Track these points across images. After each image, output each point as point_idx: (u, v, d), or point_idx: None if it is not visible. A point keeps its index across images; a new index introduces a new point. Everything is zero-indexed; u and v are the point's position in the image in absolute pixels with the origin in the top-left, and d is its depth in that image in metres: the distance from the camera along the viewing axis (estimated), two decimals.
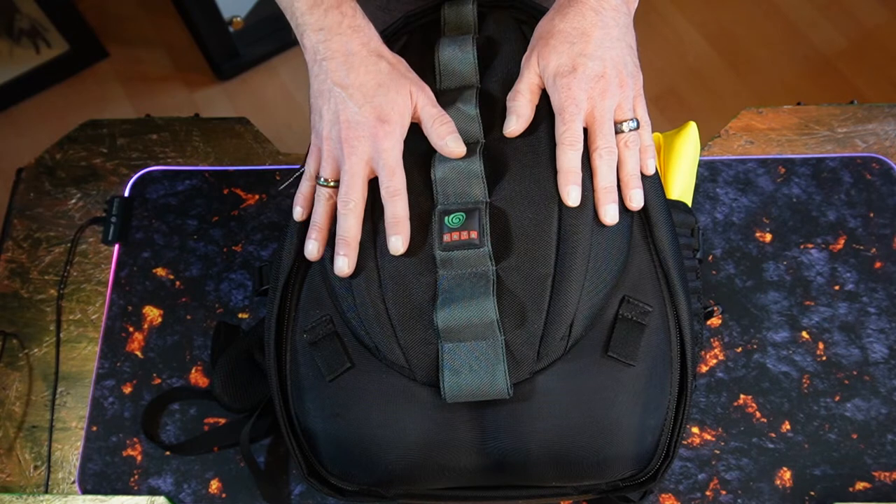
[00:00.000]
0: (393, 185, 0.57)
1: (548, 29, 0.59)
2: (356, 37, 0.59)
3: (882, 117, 0.90)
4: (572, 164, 0.56)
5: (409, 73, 0.60)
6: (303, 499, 0.75)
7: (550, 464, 0.55)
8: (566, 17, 0.59)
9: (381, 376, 0.56)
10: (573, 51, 0.58)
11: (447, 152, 0.58)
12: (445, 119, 0.59)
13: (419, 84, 0.60)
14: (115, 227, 0.87)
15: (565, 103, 0.57)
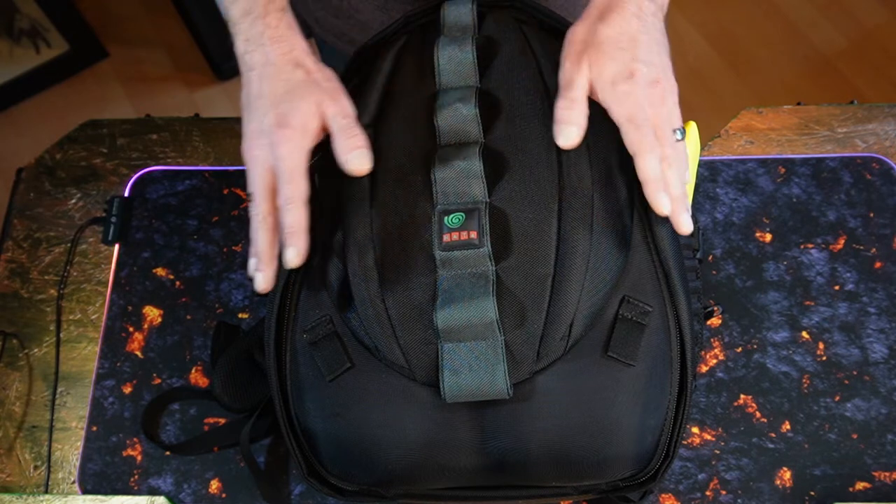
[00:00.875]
0: (287, 192, 0.55)
1: (592, 34, 0.57)
2: (276, 47, 0.58)
3: (882, 117, 0.90)
4: (657, 171, 0.55)
5: (329, 82, 0.58)
6: (303, 499, 0.75)
7: (550, 464, 0.55)
8: (610, 22, 0.57)
9: (381, 376, 0.56)
10: (627, 56, 0.56)
11: (349, 169, 0.56)
12: (354, 132, 0.56)
13: (333, 94, 0.58)
14: (115, 227, 0.87)
15: (633, 110, 0.55)
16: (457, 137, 0.60)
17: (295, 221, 0.55)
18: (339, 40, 0.93)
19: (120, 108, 1.97)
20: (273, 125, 0.56)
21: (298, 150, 0.56)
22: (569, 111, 0.56)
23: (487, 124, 0.60)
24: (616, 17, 0.57)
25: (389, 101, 0.63)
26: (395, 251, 0.57)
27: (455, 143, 0.59)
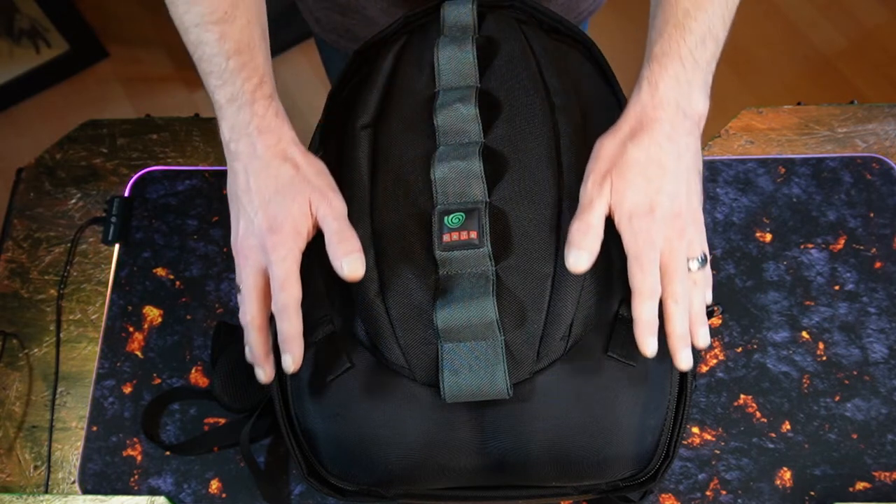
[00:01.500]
0: (282, 300, 0.54)
1: (620, 153, 0.53)
2: (262, 138, 0.56)
3: (882, 117, 0.90)
4: (652, 315, 0.52)
5: (319, 177, 0.56)
6: (303, 499, 0.75)
7: (550, 464, 0.55)
8: (640, 144, 0.53)
9: (381, 376, 0.56)
10: (651, 187, 0.53)
11: (343, 275, 0.54)
12: (346, 235, 0.55)
13: (323, 192, 0.56)
14: (115, 227, 0.87)
15: (643, 248, 0.52)
16: (457, 137, 0.60)
17: (290, 328, 0.54)
18: (341, 38, 0.92)
19: (120, 108, 1.97)
20: (264, 228, 0.55)
21: (291, 256, 0.55)
22: (583, 236, 0.53)
23: (487, 124, 0.60)
24: (647, 137, 0.53)
25: (389, 101, 0.63)
26: (395, 251, 0.57)
27: (455, 143, 0.59)
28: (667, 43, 0.55)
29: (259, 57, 0.59)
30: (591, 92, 0.63)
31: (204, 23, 0.58)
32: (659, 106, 0.54)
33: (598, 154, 0.55)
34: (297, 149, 0.57)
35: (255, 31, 0.59)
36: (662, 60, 0.55)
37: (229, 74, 0.58)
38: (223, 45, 0.58)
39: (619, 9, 1.75)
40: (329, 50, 1.00)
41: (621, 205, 0.53)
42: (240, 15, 0.59)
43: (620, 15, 1.86)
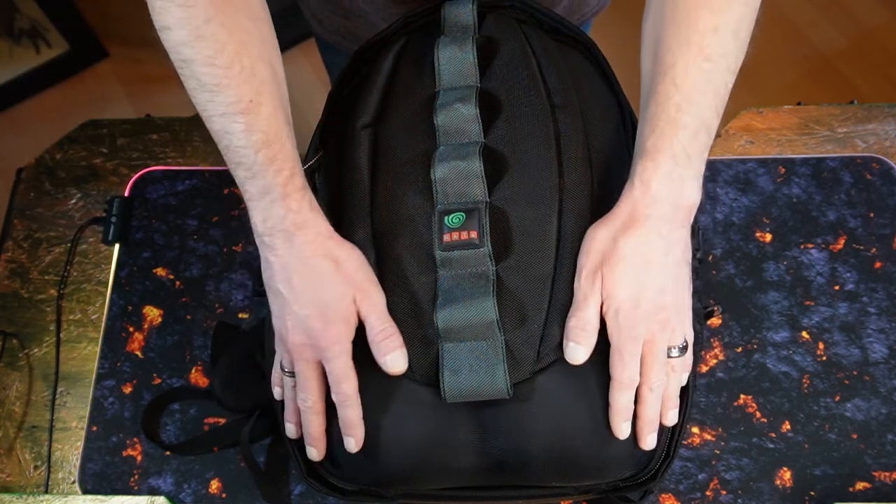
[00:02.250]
0: (342, 391, 0.55)
1: (610, 249, 0.54)
2: (300, 234, 0.56)
3: (882, 117, 0.90)
4: (628, 403, 0.54)
5: (359, 272, 0.56)
6: (303, 499, 0.75)
7: (550, 464, 0.55)
8: (629, 239, 0.54)
9: (381, 376, 0.56)
10: (638, 282, 0.54)
11: (387, 370, 0.55)
12: (389, 332, 0.55)
13: (365, 288, 0.56)
14: (115, 227, 0.87)
15: (625, 342, 0.54)
16: (457, 137, 0.60)
17: (353, 415, 0.55)
18: (344, 39, 0.93)
19: (120, 108, 1.96)
20: (318, 327, 0.55)
21: (345, 351, 0.55)
22: (581, 331, 0.54)
23: (487, 124, 0.60)
24: (637, 233, 0.54)
25: (389, 101, 0.63)
26: (396, 251, 0.57)
27: (455, 143, 0.59)
28: (659, 139, 0.55)
29: (288, 146, 0.57)
30: (591, 92, 0.63)
31: (229, 113, 0.56)
32: (651, 203, 0.54)
33: (589, 247, 0.55)
34: (334, 242, 0.57)
35: (281, 118, 0.58)
36: (656, 157, 0.55)
37: (259, 167, 0.56)
38: (250, 136, 0.56)
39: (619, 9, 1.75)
40: (330, 50, 1.00)
41: (610, 298, 0.54)
42: (265, 102, 0.56)
43: (621, 16, 1.85)
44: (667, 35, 0.57)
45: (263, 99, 0.56)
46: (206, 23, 0.55)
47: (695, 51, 0.55)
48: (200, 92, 0.57)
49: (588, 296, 0.54)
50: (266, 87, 0.57)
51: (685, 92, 0.55)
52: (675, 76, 0.55)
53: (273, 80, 0.58)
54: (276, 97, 0.58)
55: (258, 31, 0.59)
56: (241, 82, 0.56)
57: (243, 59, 0.56)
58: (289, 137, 0.58)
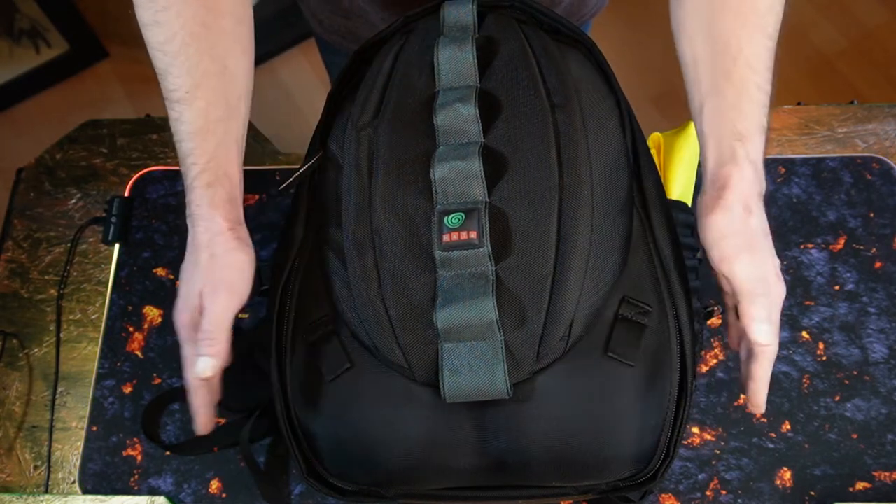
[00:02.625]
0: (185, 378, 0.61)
1: (746, 230, 0.57)
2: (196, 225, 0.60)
3: (882, 117, 0.90)
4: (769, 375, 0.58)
5: (223, 270, 0.59)
6: (303, 499, 0.75)
7: (550, 464, 0.55)
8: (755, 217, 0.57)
9: (381, 376, 0.56)
10: (772, 255, 0.58)
11: (193, 370, 0.58)
12: (208, 336, 0.58)
13: (214, 287, 0.59)
14: (115, 227, 0.87)
15: (777, 312, 0.57)
16: (456, 137, 0.60)
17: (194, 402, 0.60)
18: (344, 39, 0.93)
19: (120, 108, 1.97)
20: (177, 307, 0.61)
21: (186, 338, 0.61)
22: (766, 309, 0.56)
23: (487, 124, 0.60)
24: (758, 209, 0.58)
25: (389, 101, 0.63)
26: (395, 251, 0.57)
27: (455, 143, 0.59)
28: (749, 121, 0.58)
29: (210, 143, 0.61)
30: (591, 92, 0.63)
31: (168, 99, 0.62)
32: (760, 180, 0.58)
33: (730, 230, 0.57)
34: (222, 238, 0.60)
35: (214, 113, 0.61)
36: (753, 138, 0.58)
37: (182, 156, 0.61)
38: (179, 125, 0.61)
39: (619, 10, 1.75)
40: (330, 50, 1.00)
41: (767, 274, 0.57)
42: (201, 97, 0.61)
43: (621, 16, 1.86)
44: (726, 20, 0.60)
45: (200, 93, 0.60)
46: (164, 10, 0.60)
47: (759, 32, 0.60)
48: (157, 74, 0.63)
49: (757, 276, 0.56)
50: (207, 82, 0.61)
51: (761, 73, 0.59)
52: (749, 59, 0.59)
53: (219, 76, 0.61)
54: (216, 93, 0.61)
55: (218, 25, 0.62)
56: (182, 73, 0.60)
57: (190, 49, 0.60)
58: (214, 134, 0.61)
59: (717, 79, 0.60)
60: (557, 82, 0.62)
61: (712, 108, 0.59)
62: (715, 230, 0.57)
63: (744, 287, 0.56)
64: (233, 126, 0.62)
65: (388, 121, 0.62)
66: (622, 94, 0.64)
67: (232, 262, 0.60)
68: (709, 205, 0.58)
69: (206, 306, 0.59)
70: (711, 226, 0.57)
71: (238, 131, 0.63)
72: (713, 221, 0.57)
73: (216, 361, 0.58)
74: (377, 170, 0.60)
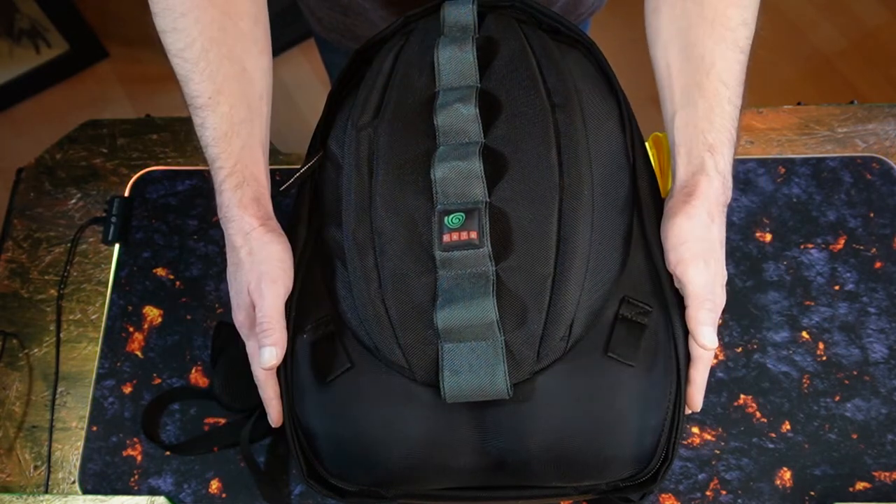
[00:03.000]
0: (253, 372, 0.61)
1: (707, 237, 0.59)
2: (229, 226, 0.62)
3: (882, 117, 0.90)
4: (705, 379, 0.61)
5: (263, 265, 0.60)
6: (303, 499, 0.75)
7: (550, 464, 0.55)
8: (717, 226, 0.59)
9: (381, 376, 0.56)
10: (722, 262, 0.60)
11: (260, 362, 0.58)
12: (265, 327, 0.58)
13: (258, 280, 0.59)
14: (115, 227, 0.87)
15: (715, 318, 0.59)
16: (457, 137, 0.60)
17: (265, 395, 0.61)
18: (343, 38, 0.92)
19: (120, 108, 1.97)
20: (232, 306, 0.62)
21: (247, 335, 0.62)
22: (713, 314, 0.58)
23: (487, 124, 0.60)
24: (719, 219, 0.60)
25: (389, 101, 0.63)
26: (395, 251, 0.57)
27: (455, 143, 0.59)
28: (720, 133, 0.60)
29: (235, 145, 0.62)
30: (591, 92, 0.63)
31: (191, 105, 0.63)
32: (726, 191, 0.60)
33: (691, 235, 0.58)
34: (256, 234, 0.61)
35: (237, 116, 0.62)
36: (722, 150, 0.60)
37: (209, 160, 0.63)
38: (204, 131, 0.62)
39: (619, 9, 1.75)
40: (330, 49, 1.00)
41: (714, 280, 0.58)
42: (223, 101, 0.62)
43: (621, 16, 1.86)
44: (700, 34, 0.62)
45: (222, 98, 0.62)
46: (182, 16, 0.61)
47: (731, 47, 0.61)
48: (178, 78, 0.63)
49: (709, 280, 0.58)
50: (228, 86, 0.62)
51: (732, 87, 0.61)
52: (721, 74, 0.61)
53: (238, 79, 0.63)
54: (237, 96, 0.62)
55: (236, 28, 0.63)
56: (203, 78, 0.61)
57: (210, 55, 0.61)
58: (238, 136, 0.62)
59: (690, 90, 0.62)
60: (557, 82, 0.62)
61: (684, 118, 0.61)
62: (677, 234, 0.58)
63: (695, 291, 0.57)
64: (256, 127, 0.64)
65: (389, 121, 0.62)
66: (622, 94, 0.64)
67: (269, 255, 0.60)
68: (675, 209, 0.59)
69: (256, 301, 0.59)
70: (674, 229, 0.59)
71: (261, 131, 0.65)
72: (676, 225, 0.59)
73: (278, 350, 0.58)
74: (377, 170, 0.60)
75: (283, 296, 0.59)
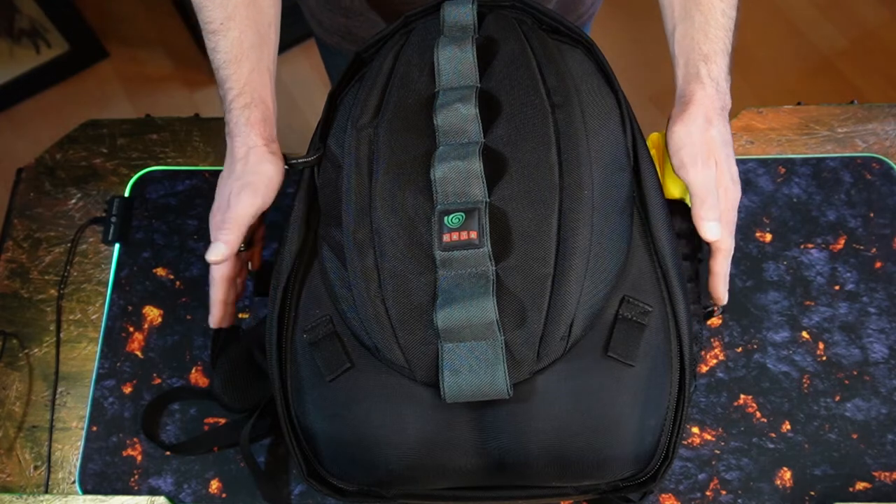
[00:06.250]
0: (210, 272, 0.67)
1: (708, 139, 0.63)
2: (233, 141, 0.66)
3: (882, 117, 0.90)
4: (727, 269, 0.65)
5: (252, 175, 0.64)
6: (303, 499, 0.75)
7: (550, 464, 0.55)
8: (718, 128, 0.63)
9: (381, 376, 0.56)
10: (730, 164, 0.64)
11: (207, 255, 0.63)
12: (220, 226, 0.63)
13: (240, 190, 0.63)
14: (115, 227, 0.87)
15: (732, 215, 0.64)
16: (456, 137, 0.60)
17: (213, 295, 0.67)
18: (344, 41, 0.93)
19: (120, 108, 1.97)
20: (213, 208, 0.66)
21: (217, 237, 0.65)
22: (715, 210, 0.62)
23: (487, 124, 0.60)
24: (719, 123, 0.64)
25: (389, 101, 0.63)
26: (395, 251, 0.57)
27: (455, 143, 0.59)
28: (714, 43, 0.65)
29: (244, 68, 0.66)
30: (591, 92, 0.63)
31: (204, 31, 0.68)
32: (722, 97, 0.64)
33: (688, 140, 0.63)
34: (256, 151, 0.65)
35: (247, 41, 0.67)
36: (716, 59, 0.65)
37: (220, 82, 0.67)
38: (216, 55, 0.67)
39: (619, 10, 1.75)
40: (331, 52, 1.00)
41: (721, 179, 0.63)
42: (234, 27, 0.66)
43: (621, 16, 1.86)
44: None
45: (233, 24, 0.66)
46: None
47: None
48: (193, 7, 0.68)
49: (710, 180, 0.62)
50: (238, 13, 0.67)
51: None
52: None
53: (249, 6, 0.67)
54: (247, 22, 0.67)
55: None
56: (216, 6, 0.66)
57: None
58: (248, 59, 0.67)
59: (688, 4, 0.67)
60: (557, 82, 0.62)
61: (682, 31, 0.66)
62: (677, 140, 0.63)
63: (696, 191, 0.62)
64: (265, 53, 0.68)
65: (389, 121, 0.62)
66: (622, 94, 0.64)
67: (262, 171, 0.64)
68: (674, 118, 0.64)
69: (231, 205, 0.64)
70: (673, 136, 0.64)
71: (269, 58, 0.69)
72: (675, 132, 0.64)
73: (226, 248, 0.63)
74: (377, 170, 0.60)
75: (256, 207, 0.64)
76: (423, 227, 0.57)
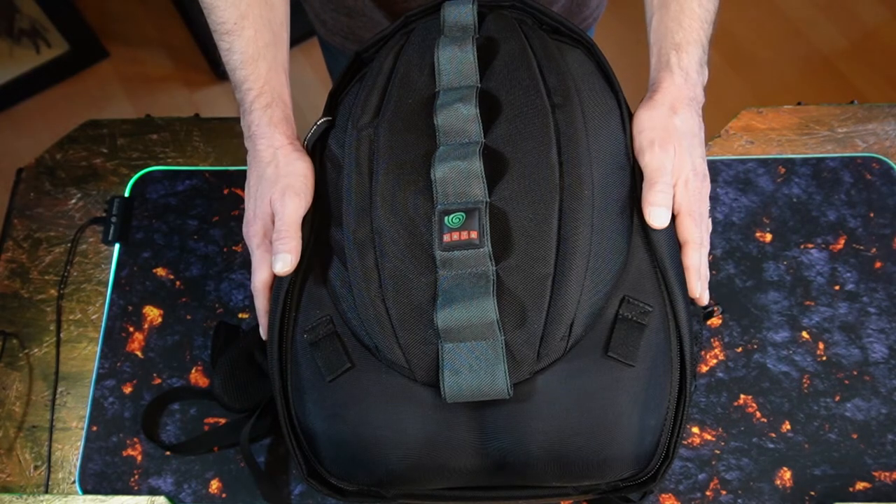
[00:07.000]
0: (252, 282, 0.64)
1: (669, 126, 0.62)
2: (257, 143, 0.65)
3: (882, 117, 0.90)
4: (698, 262, 0.61)
5: (288, 178, 0.62)
6: (303, 499, 0.75)
7: (550, 464, 0.55)
8: (682, 116, 0.62)
9: (381, 376, 0.56)
10: (692, 155, 0.62)
11: (273, 268, 0.61)
12: (283, 235, 0.61)
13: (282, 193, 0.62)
14: (116, 227, 0.87)
15: (696, 206, 0.61)
16: (457, 137, 0.60)
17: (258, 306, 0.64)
18: (347, 41, 0.93)
19: (120, 108, 1.97)
20: (248, 217, 0.65)
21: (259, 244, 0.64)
22: (665, 195, 0.60)
23: (487, 124, 0.60)
24: (684, 112, 0.63)
25: (389, 101, 0.63)
26: (396, 251, 0.57)
27: (455, 143, 0.59)
28: (688, 33, 0.65)
29: (262, 68, 0.66)
30: (591, 92, 0.63)
31: (217, 32, 0.67)
32: (691, 87, 0.64)
33: (649, 125, 0.62)
34: (284, 152, 0.64)
35: (262, 40, 0.66)
36: (688, 49, 0.64)
37: (237, 83, 0.66)
38: (231, 56, 0.66)
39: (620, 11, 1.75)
40: (333, 53, 1.00)
41: (679, 169, 0.61)
42: (248, 26, 0.66)
43: (622, 16, 1.86)
44: None
45: (247, 23, 0.66)
46: None
47: None
48: (203, 7, 0.67)
49: (664, 164, 0.60)
50: (252, 12, 0.66)
51: None
52: None
53: (262, 5, 0.67)
54: (261, 21, 0.66)
55: None
56: (228, 5, 0.66)
57: None
58: (265, 59, 0.66)
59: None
60: (558, 82, 0.62)
61: (657, 19, 0.66)
62: (637, 124, 0.62)
63: (647, 174, 0.60)
64: (279, 52, 0.68)
65: (389, 121, 0.62)
66: (622, 94, 0.64)
67: (296, 170, 0.63)
68: (641, 104, 0.64)
69: (278, 211, 0.61)
70: (636, 121, 0.63)
71: (284, 56, 0.68)
72: (638, 116, 0.63)
73: (293, 258, 0.61)
74: (378, 170, 0.60)
75: (303, 209, 0.62)
76: (424, 227, 0.57)
